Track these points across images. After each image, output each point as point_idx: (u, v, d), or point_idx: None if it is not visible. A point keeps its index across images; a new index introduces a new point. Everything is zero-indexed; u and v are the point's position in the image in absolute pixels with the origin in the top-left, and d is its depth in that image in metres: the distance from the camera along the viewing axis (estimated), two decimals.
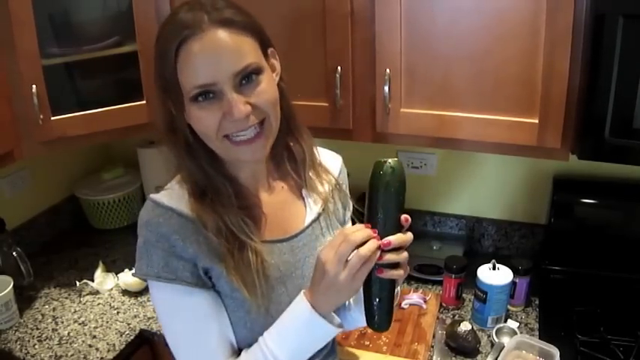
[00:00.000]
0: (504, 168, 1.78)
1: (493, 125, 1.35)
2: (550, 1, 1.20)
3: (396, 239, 0.91)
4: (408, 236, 0.93)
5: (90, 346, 1.50)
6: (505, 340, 1.43)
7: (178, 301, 0.94)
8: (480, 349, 1.44)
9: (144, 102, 1.58)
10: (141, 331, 1.56)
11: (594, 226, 1.65)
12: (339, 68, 1.41)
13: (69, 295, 1.72)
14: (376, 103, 1.43)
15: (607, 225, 1.64)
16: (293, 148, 1.07)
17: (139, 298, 1.69)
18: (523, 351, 1.33)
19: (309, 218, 1.07)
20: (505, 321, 1.52)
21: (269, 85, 0.93)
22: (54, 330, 1.57)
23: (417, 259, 1.78)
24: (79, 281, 1.75)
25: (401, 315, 1.58)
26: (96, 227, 2.08)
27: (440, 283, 1.66)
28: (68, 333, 1.55)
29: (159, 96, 0.93)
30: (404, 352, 1.45)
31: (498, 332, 1.46)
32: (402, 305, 1.61)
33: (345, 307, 1.15)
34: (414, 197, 1.92)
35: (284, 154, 1.07)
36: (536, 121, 1.31)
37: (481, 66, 1.31)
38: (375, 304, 0.93)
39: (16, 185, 1.89)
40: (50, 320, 1.61)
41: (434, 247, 1.81)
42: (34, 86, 1.41)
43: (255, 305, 0.95)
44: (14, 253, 1.68)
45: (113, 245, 1.97)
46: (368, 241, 0.87)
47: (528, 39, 1.25)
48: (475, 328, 1.46)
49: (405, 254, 0.92)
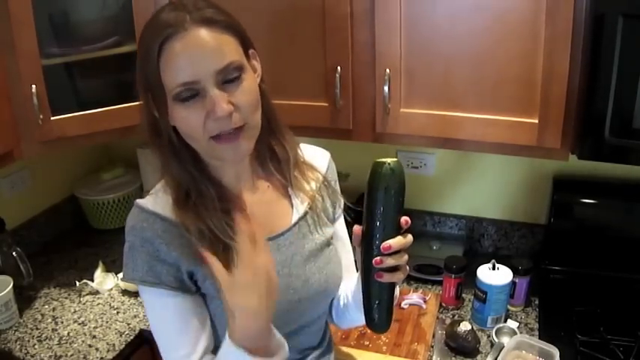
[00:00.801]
0: (504, 168, 1.78)
1: (493, 125, 1.35)
2: (550, 2, 1.20)
3: (396, 243, 0.91)
4: (408, 239, 0.93)
5: (90, 346, 1.50)
6: (505, 340, 1.43)
7: (162, 303, 0.97)
8: (480, 349, 1.44)
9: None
10: (141, 331, 1.56)
11: (594, 226, 1.65)
12: (339, 68, 1.41)
13: (69, 295, 1.72)
14: (376, 103, 1.43)
15: (607, 225, 1.64)
16: (276, 149, 1.07)
17: (139, 298, 1.69)
18: (523, 351, 1.33)
19: (295, 217, 1.08)
20: (505, 321, 1.52)
21: (251, 85, 0.93)
22: (54, 330, 1.57)
23: (417, 259, 1.78)
24: (79, 281, 1.75)
25: (401, 315, 1.58)
26: (96, 227, 2.08)
27: (440, 283, 1.66)
28: (68, 333, 1.55)
29: (143, 97, 0.94)
30: (404, 352, 1.45)
31: (498, 332, 1.46)
32: (402, 305, 1.61)
33: (344, 307, 1.15)
34: (414, 197, 1.92)
35: (267, 155, 1.07)
36: (536, 121, 1.31)
37: (481, 66, 1.31)
38: (375, 306, 0.94)
39: (16, 185, 1.89)
40: (50, 320, 1.61)
41: (433, 247, 1.81)
42: (34, 86, 1.41)
43: None
44: (14, 253, 1.68)
45: (113, 245, 1.97)
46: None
47: (528, 39, 1.25)
48: (475, 328, 1.46)
49: (405, 257, 0.93)
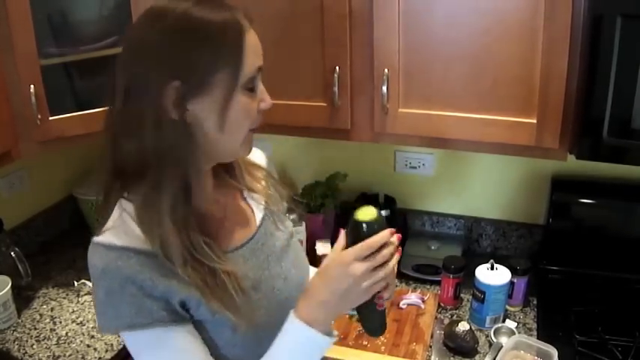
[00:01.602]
0: (502, 168, 1.78)
1: (491, 125, 1.35)
2: (548, 2, 1.20)
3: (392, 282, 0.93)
4: (394, 261, 0.91)
5: (88, 346, 1.49)
6: (503, 340, 1.43)
7: (160, 344, 0.88)
8: (478, 349, 1.44)
9: None
10: None
11: (592, 226, 1.65)
12: (338, 68, 1.41)
13: (67, 295, 1.72)
14: (374, 103, 1.43)
15: (605, 225, 1.64)
16: (244, 174, 1.07)
17: None
18: (521, 351, 1.33)
19: (258, 217, 1.05)
20: (503, 321, 1.52)
21: None
22: (52, 330, 1.56)
23: (415, 259, 1.78)
24: (77, 281, 1.75)
25: (399, 315, 1.58)
26: (94, 227, 2.07)
27: (438, 283, 1.66)
28: (66, 333, 1.55)
29: (169, 79, 0.83)
30: (402, 352, 1.45)
31: (496, 332, 1.46)
32: (401, 305, 1.61)
33: None
34: (412, 197, 1.92)
35: (230, 175, 1.05)
36: (534, 121, 1.31)
37: (479, 66, 1.31)
38: (370, 316, 0.95)
39: (14, 185, 1.89)
40: (48, 320, 1.61)
41: (432, 247, 1.81)
42: (32, 86, 1.41)
43: (242, 323, 0.91)
44: (12, 253, 1.68)
45: None
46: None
47: (526, 39, 1.25)
48: (473, 328, 1.46)
49: (393, 272, 0.91)
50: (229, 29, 0.85)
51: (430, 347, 1.47)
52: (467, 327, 1.42)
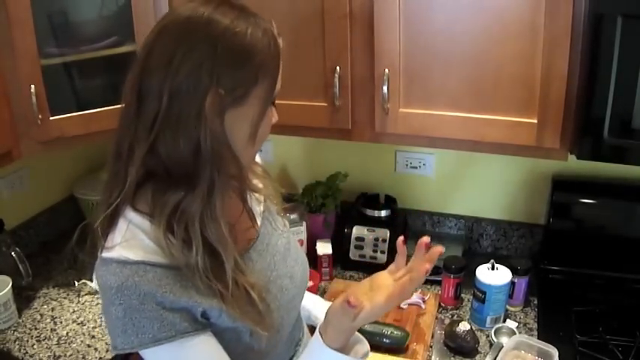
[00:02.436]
0: (503, 168, 1.78)
1: (492, 125, 1.35)
2: (549, 1, 1.20)
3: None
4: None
5: (89, 346, 1.49)
6: (504, 340, 1.43)
7: (187, 353, 0.87)
8: (479, 349, 1.44)
9: None
10: None
11: (593, 226, 1.65)
12: (338, 68, 1.41)
13: (67, 295, 1.72)
14: (375, 103, 1.43)
15: (606, 225, 1.64)
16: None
17: None
18: (522, 351, 1.33)
19: (259, 219, 1.05)
20: (504, 321, 1.52)
21: None
22: (53, 330, 1.56)
23: None
24: (78, 281, 1.75)
25: (400, 315, 1.58)
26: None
27: (439, 283, 1.66)
28: (67, 333, 1.55)
29: (217, 86, 0.83)
30: (402, 352, 1.45)
31: (497, 332, 1.46)
32: (401, 305, 1.61)
33: None
34: (413, 197, 1.92)
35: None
36: (534, 121, 1.31)
37: (480, 66, 1.31)
38: None
39: (15, 185, 1.89)
40: (49, 320, 1.61)
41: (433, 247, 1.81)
42: (33, 86, 1.41)
43: (263, 331, 0.91)
44: (13, 253, 1.68)
45: None
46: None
47: (527, 39, 1.25)
48: (474, 328, 1.46)
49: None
50: (272, 47, 0.88)
51: (431, 347, 1.47)
52: (467, 327, 1.42)
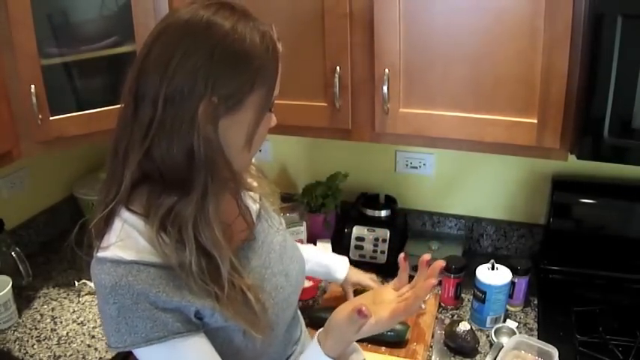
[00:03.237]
0: (503, 168, 1.78)
1: (492, 125, 1.35)
2: (548, 1, 1.20)
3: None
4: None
5: (89, 346, 1.49)
6: (504, 340, 1.43)
7: (175, 355, 0.88)
8: (479, 349, 1.44)
9: None
10: None
11: (593, 226, 1.65)
12: (338, 68, 1.41)
13: (68, 295, 1.72)
14: (375, 103, 1.43)
15: (606, 225, 1.64)
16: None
17: None
18: (522, 351, 1.33)
19: (254, 216, 1.05)
20: (504, 321, 1.52)
21: None
22: (53, 330, 1.57)
23: (416, 259, 1.77)
24: (78, 281, 1.75)
25: None
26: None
27: (439, 283, 1.66)
28: (67, 333, 1.55)
29: (211, 95, 0.84)
30: (402, 352, 1.44)
31: (497, 332, 1.46)
32: None
33: None
34: (413, 197, 1.92)
35: None
36: (534, 121, 1.31)
37: (480, 66, 1.31)
38: None
39: (15, 185, 1.89)
40: (49, 320, 1.61)
41: (433, 247, 1.81)
42: (33, 86, 1.41)
43: (256, 330, 0.91)
44: (13, 253, 1.68)
45: None
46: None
47: (527, 38, 1.25)
48: (474, 328, 1.46)
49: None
50: (271, 53, 0.87)
51: (431, 347, 1.47)
52: (467, 327, 1.42)
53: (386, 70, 1.37)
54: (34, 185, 1.97)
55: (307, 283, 1.61)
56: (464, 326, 1.42)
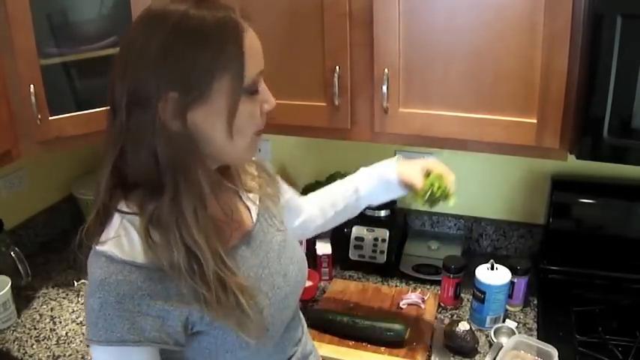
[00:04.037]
0: (503, 168, 1.78)
1: (491, 125, 1.35)
2: (548, 0, 1.20)
3: None
4: None
5: (88, 346, 1.49)
6: (503, 340, 1.43)
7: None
8: (479, 349, 1.44)
9: None
10: None
11: (593, 226, 1.65)
12: (338, 68, 1.41)
13: (67, 295, 1.72)
14: (374, 103, 1.43)
15: (605, 225, 1.64)
16: (238, 170, 1.06)
17: None
18: (521, 351, 1.33)
19: (254, 215, 1.04)
20: (503, 321, 1.52)
21: None
22: (52, 330, 1.56)
23: (416, 259, 1.78)
24: (77, 281, 1.75)
25: (399, 315, 1.58)
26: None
27: (438, 283, 1.66)
28: (66, 333, 1.55)
29: (167, 91, 0.82)
30: (402, 352, 1.44)
31: (497, 332, 1.46)
32: (401, 305, 1.61)
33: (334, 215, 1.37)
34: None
35: (225, 174, 1.03)
36: (534, 121, 1.31)
37: (480, 66, 1.31)
38: None
39: (14, 185, 1.89)
40: (48, 320, 1.61)
41: (432, 247, 1.81)
42: (32, 86, 1.41)
43: (247, 334, 0.90)
44: (12, 253, 1.68)
45: None
46: None
47: (527, 34, 1.25)
48: (473, 328, 1.46)
49: None
50: (227, 32, 0.83)
51: (430, 347, 1.47)
52: (467, 327, 1.42)
53: (385, 70, 1.37)
54: (34, 185, 1.96)
55: (307, 283, 1.60)
56: (463, 326, 1.42)
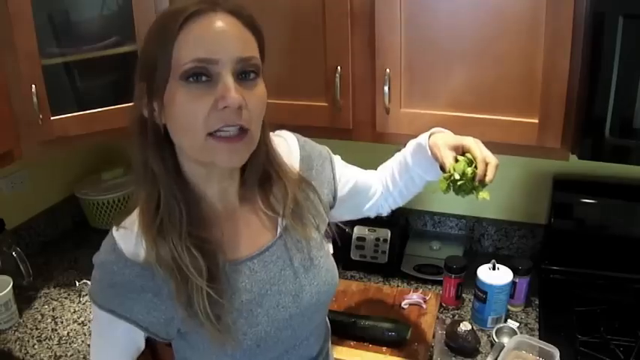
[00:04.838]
0: (504, 168, 1.76)
1: (493, 125, 1.35)
2: (550, 0, 1.20)
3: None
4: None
5: (89, 346, 1.49)
6: (505, 340, 1.42)
7: (118, 331, 0.94)
8: (480, 349, 1.44)
9: None
10: None
11: (594, 226, 1.65)
12: (339, 68, 1.41)
13: (68, 295, 1.72)
14: (376, 103, 1.43)
15: (607, 225, 1.64)
16: (273, 182, 0.99)
17: None
18: (523, 351, 1.33)
19: (279, 229, 0.99)
20: (505, 321, 1.52)
21: (264, 93, 0.87)
22: (53, 330, 1.57)
23: (417, 259, 1.78)
24: (79, 281, 1.75)
25: (401, 315, 1.58)
26: (96, 227, 2.07)
27: (440, 283, 1.66)
28: (68, 333, 1.55)
29: (137, 88, 0.86)
30: (404, 352, 1.44)
31: (498, 332, 1.46)
32: (402, 305, 1.61)
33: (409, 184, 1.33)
34: (414, 197, 1.91)
35: (256, 179, 0.98)
36: (536, 121, 1.31)
37: (481, 66, 1.31)
38: None
39: (16, 185, 1.89)
40: (50, 320, 1.61)
41: (434, 247, 1.81)
42: (34, 86, 1.41)
43: (219, 342, 0.90)
44: (14, 253, 1.68)
45: None
46: None
47: (528, 38, 1.25)
48: (475, 328, 1.46)
49: None
50: (176, 17, 0.80)
51: (432, 347, 1.47)
52: (468, 327, 1.42)
53: (387, 70, 1.37)
54: (35, 185, 1.97)
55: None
56: (465, 326, 1.42)
